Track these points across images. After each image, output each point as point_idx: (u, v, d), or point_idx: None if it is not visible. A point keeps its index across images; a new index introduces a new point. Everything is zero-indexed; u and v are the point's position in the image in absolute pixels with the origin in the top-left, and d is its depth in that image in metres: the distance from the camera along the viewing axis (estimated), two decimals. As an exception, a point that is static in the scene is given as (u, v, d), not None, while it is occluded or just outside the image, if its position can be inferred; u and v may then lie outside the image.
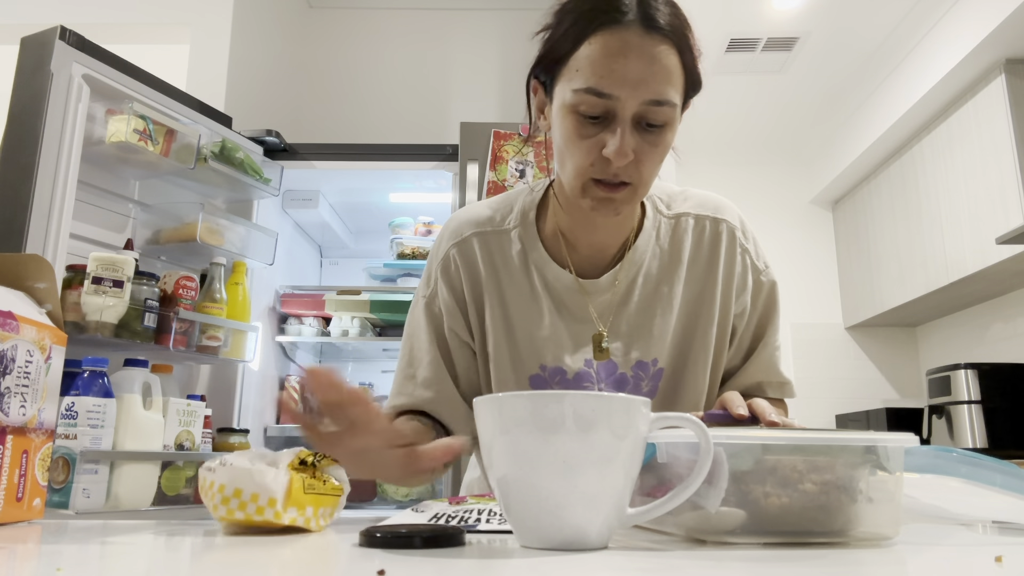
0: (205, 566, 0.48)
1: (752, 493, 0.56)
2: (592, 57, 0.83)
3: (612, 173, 0.85)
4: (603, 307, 0.99)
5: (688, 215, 1.03)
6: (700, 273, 1.02)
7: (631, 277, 1.00)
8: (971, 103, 3.40)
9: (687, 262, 1.01)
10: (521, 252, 1.01)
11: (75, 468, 1.61)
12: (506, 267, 1.00)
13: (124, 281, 1.85)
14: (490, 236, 1.02)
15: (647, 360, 0.99)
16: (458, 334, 1.01)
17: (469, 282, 1.01)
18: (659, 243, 1.02)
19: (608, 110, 0.84)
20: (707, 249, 1.02)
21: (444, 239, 1.04)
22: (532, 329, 0.99)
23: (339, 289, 2.72)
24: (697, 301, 1.01)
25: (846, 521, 0.56)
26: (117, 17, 3.00)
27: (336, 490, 0.68)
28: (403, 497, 2.61)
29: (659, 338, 0.99)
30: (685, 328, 1.00)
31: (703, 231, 1.02)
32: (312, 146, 2.65)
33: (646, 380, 0.98)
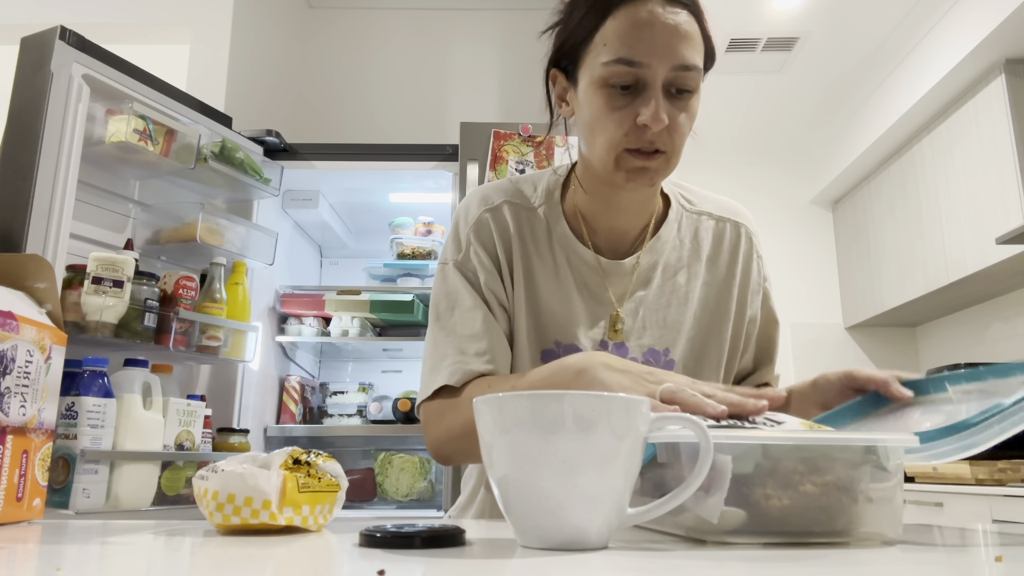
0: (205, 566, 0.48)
1: (752, 494, 0.56)
2: (619, 30, 0.86)
3: (648, 141, 0.87)
4: (621, 290, 1.00)
5: (710, 215, 1.06)
6: (719, 273, 1.04)
7: (651, 264, 1.01)
8: (971, 103, 3.41)
9: (706, 260, 1.03)
10: (546, 228, 1.01)
11: (75, 468, 1.61)
12: (534, 240, 1.01)
13: (124, 281, 1.85)
14: (520, 208, 1.02)
15: (659, 349, 0.99)
16: (496, 294, 0.99)
17: (502, 246, 1.00)
18: (680, 236, 1.04)
19: (639, 79, 0.86)
20: (728, 251, 1.05)
21: (473, 206, 1.03)
22: (553, 305, 0.99)
23: (339, 289, 2.72)
24: (715, 300, 1.02)
25: (847, 522, 0.56)
26: (117, 17, 3.00)
27: (332, 486, 0.67)
28: (403, 497, 2.61)
29: (672, 329, 1.00)
30: (700, 324, 1.01)
31: (724, 232, 1.05)
32: (312, 146, 2.65)
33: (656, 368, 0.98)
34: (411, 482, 2.61)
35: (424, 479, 2.63)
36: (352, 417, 2.75)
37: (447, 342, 0.96)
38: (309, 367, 2.96)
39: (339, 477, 0.69)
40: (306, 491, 0.64)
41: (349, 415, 2.76)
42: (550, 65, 0.97)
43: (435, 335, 0.98)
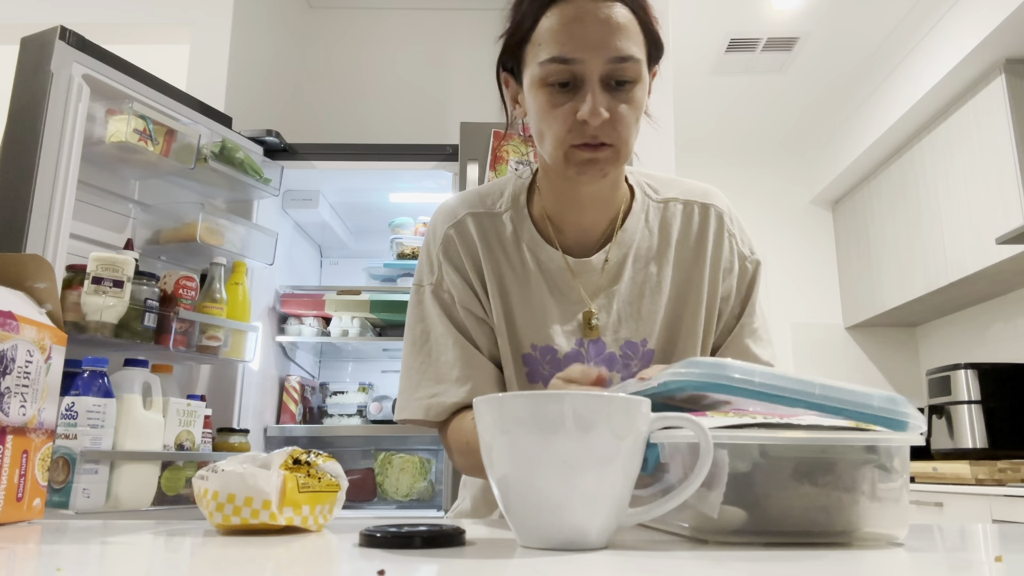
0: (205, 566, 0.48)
1: (753, 493, 0.55)
2: (552, 28, 0.87)
3: (591, 135, 0.88)
4: (593, 287, 1.00)
5: (677, 200, 1.05)
6: (689, 256, 1.03)
7: (620, 257, 1.01)
8: (971, 103, 3.40)
9: (675, 244, 1.03)
10: (513, 233, 1.02)
11: (75, 468, 1.61)
12: (501, 247, 1.02)
13: (124, 281, 1.85)
14: (483, 217, 1.03)
15: (636, 340, 0.99)
16: (472, 311, 1.00)
17: (470, 260, 1.01)
18: (648, 226, 1.03)
19: (575, 75, 0.86)
20: (696, 233, 1.03)
21: (439, 223, 1.04)
22: (525, 309, 1.00)
23: (339, 289, 2.72)
24: (686, 284, 1.02)
25: (849, 521, 0.56)
26: (117, 17, 3.00)
27: (332, 486, 0.67)
28: (403, 497, 2.61)
29: (648, 319, 1.00)
30: (675, 310, 1.01)
31: (692, 215, 1.04)
32: (312, 146, 2.65)
33: (635, 360, 0.99)
34: (411, 482, 2.61)
35: (424, 479, 2.63)
36: (352, 417, 2.75)
37: (422, 370, 0.99)
38: (309, 367, 2.95)
39: (339, 477, 0.69)
40: (306, 491, 0.64)
41: (349, 415, 2.76)
42: (499, 68, 0.98)
43: (410, 361, 1.01)
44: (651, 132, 1.21)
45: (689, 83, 4.19)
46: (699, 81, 4.20)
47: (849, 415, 0.58)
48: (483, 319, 1.01)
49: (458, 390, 0.97)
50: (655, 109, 1.03)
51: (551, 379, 0.95)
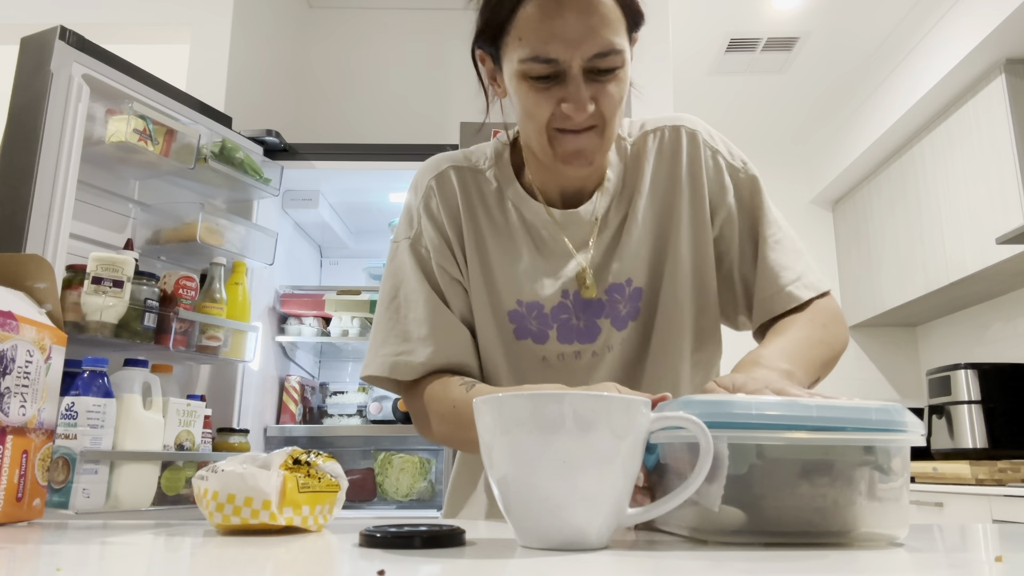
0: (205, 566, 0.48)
1: (752, 494, 0.55)
2: (531, 23, 0.84)
3: (574, 124, 0.87)
4: (580, 239, 0.98)
5: (647, 132, 1.02)
6: (663, 181, 0.99)
7: (606, 206, 0.98)
8: (971, 103, 3.41)
9: (650, 174, 0.99)
10: (497, 190, 1.00)
11: (75, 468, 1.61)
12: (483, 203, 1.00)
13: (124, 281, 1.85)
14: (466, 171, 1.02)
15: (620, 281, 0.97)
16: (447, 270, 0.98)
17: (449, 215, 0.99)
18: (625, 165, 1.00)
19: (556, 71, 0.85)
20: (668, 155, 1.00)
21: (422, 175, 1.04)
22: (509, 265, 0.98)
23: (339, 289, 2.72)
24: (664, 212, 0.98)
25: (847, 521, 0.56)
26: (117, 17, 3.00)
27: (332, 486, 0.67)
28: (403, 497, 2.61)
29: (630, 258, 0.97)
30: (656, 242, 0.98)
31: (662, 141, 1.01)
32: (312, 146, 2.65)
33: (623, 302, 0.96)
34: (411, 482, 2.61)
35: (424, 479, 2.63)
36: (352, 417, 2.75)
37: (390, 327, 0.97)
38: (309, 367, 2.95)
39: (339, 477, 0.69)
40: (306, 491, 0.64)
41: (349, 415, 2.76)
42: (474, 46, 0.96)
43: (379, 317, 0.99)
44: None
45: (689, 83, 4.19)
46: (699, 81, 4.20)
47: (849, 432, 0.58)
48: (457, 280, 0.99)
49: (424, 349, 0.94)
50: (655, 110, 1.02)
51: (539, 334, 0.95)
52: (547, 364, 0.97)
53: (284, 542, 0.57)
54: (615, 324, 0.96)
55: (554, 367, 0.97)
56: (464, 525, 0.62)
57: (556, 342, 0.96)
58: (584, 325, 0.96)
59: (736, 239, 0.99)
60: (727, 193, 1.00)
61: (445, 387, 0.93)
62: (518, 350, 0.97)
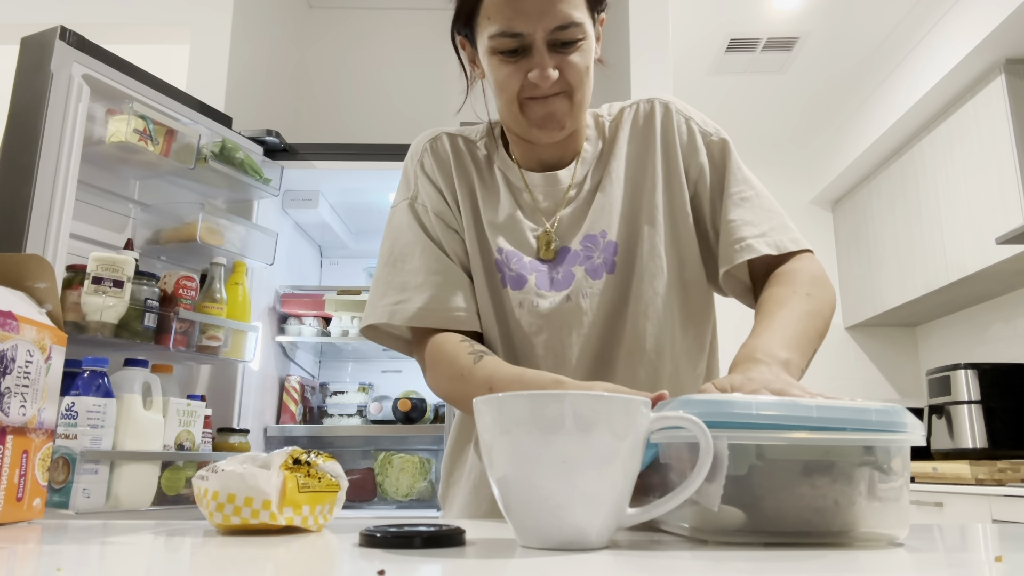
0: (205, 566, 0.48)
1: (753, 494, 0.55)
2: (497, 3, 0.94)
3: (541, 92, 0.95)
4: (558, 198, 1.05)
5: (624, 107, 1.11)
6: (638, 145, 1.07)
7: (584, 172, 1.06)
8: (971, 103, 3.41)
9: (625, 141, 1.07)
10: (486, 157, 1.10)
11: (75, 468, 1.61)
12: (475, 164, 1.09)
13: (124, 281, 1.85)
14: (458, 139, 1.12)
15: (594, 233, 1.03)
16: (444, 220, 1.06)
17: (443, 173, 1.08)
18: (603, 139, 1.09)
19: (523, 44, 0.94)
20: (642, 125, 1.08)
21: (417, 142, 1.12)
22: (494, 218, 1.05)
23: (339, 289, 2.72)
24: (639, 171, 1.05)
25: (848, 521, 0.56)
26: (117, 17, 3.00)
27: (332, 486, 0.67)
28: (403, 497, 2.61)
29: (604, 211, 1.03)
30: (631, 199, 1.04)
31: (637, 112, 1.09)
32: (312, 146, 2.65)
33: (597, 252, 1.02)
34: (411, 482, 2.61)
35: (424, 479, 2.63)
36: (352, 417, 2.75)
37: (388, 280, 1.03)
38: (309, 367, 2.96)
39: (339, 477, 0.69)
40: (306, 491, 0.64)
41: (349, 415, 2.76)
42: (453, 32, 1.04)
43: (379, 271, 1.05)
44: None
45: (689, 83, 4.19)
46: (699, 81, 4.20)
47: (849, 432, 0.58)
48: (454, 229, 1.06)
49: (422, 295, 1.00)
50: None
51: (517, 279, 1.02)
52: (523, 309, 1.02)
53: (284, 542, 0.57)
54: (589, 272, 1.02)
55: (530, 313, 1.01)
56: (464, 525, 0.62)
57: (533, 287, 1.02)
58: (560, 274, 1.02)
59: (708, 196, 1.05)
60: (699, 154, 1.06)
61: (456, 350, 0.97)
62: (499, 297, 1.03)
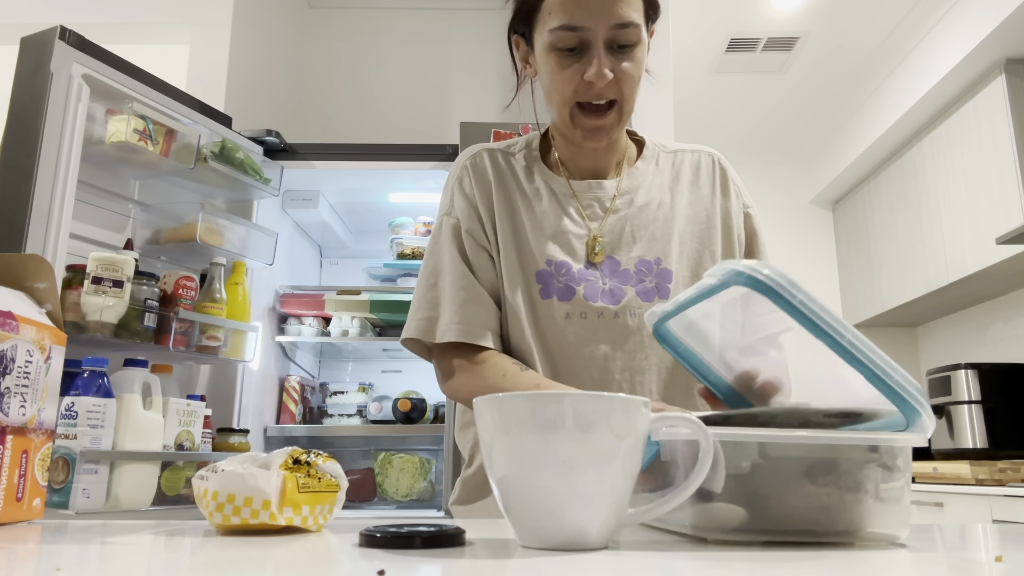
0: (204, 566, 0.48)
1: (754, 492, 0.55)
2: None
3: (595, 95, 0.98)
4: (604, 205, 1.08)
5: (685, 151, 1.16)
6: (702, 192, 1.12)
7: (632, 187, 1.09)
8: (971, 103, 3.40)
9: (687, 184, 1.12)
10: (526, 168, 1.12)
11: (75, 468, 1.61)
12: (514, 178, 1.11)
13: (124, 281, 1.85)
14: (498, 153, 1.13)
15: (650, 259, 1.05)
16: (475, 238, 1.07)
17: (481, 190, 1.09)
18: (659, 169, 1.13)
19: (582, 41, 0.96)
20: (706, 175, 1.13)
21: (459, 160, 1.15)
22: (538, 228, 1.06)
23: (339, 289, 2.72)
24: (704, 214, 1.10)
25: (850, 521, 0.56)
26: (117, 17, 3.00)
27: (332, 487, 0.67)
28: (403, 497, 2.61)
29: (662, 240, 1.06)
30: (692, 236, 1.08)
31: (699, 161, 1.14)
32: (312, 146, 2.65)
33: (650, 276, 1.04)
34: (411, 482, 2.61)
35: (424, 479, 2.63)
36: (352, 417, 2.75)
37: (423, 294, 1.06)
38: (309, 367, 2.95)
39: (339, 477, 0.69)
40: (306, 491, 0.64)
41: (349, 415, 2.76)
42: (511, 30, 1.07)
43: (419, 284, 1.09)
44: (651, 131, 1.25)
45: (689, 83, 4.19)
46: (699, 81, 4.20)
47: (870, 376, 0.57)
48: (484, 247, 1.07)
49: (449, 312, 1.03)
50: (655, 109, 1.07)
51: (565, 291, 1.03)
52: (570, 321, 1.02)
53: (284, 542, 0.57)
54: (640, 295, 1.03)
55: (576, 324, 1.02)
56: (464, 525, 0.62)
57: (582, 299, 1.03)
58: (609, 288, 1.04)
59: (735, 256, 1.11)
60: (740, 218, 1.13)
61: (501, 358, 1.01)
62: (543, 309, 1.04)
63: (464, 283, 1.04)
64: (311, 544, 0.57)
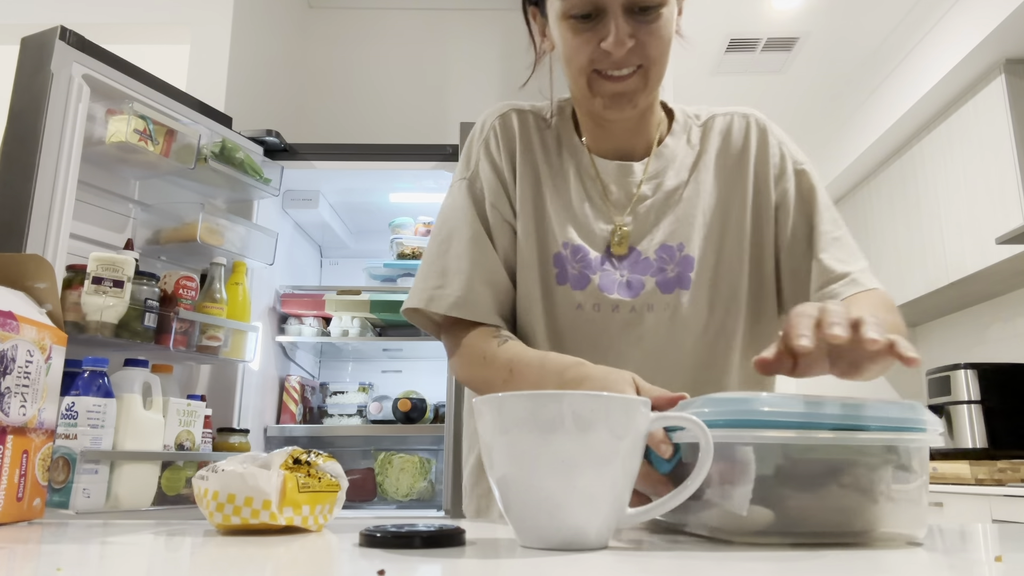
0: (205, 566, 0.48)
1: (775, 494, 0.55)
2: None
3: (613, 63, 0.89)
4: (629, 193, 0.99)
5: (716, 115, 1.04)
6: (731, 164, 1.01)
7: (660, 168, 1.00)
8: (971, 103, 3.40)
9: (717, 154, 1.01)
10: (556, 137, 1.02)
11: (75, 468, 1.61)
12: (542, 146, 1.02)
13: (124, 281, 1.85)
14: (528, 115, 1.04)
15: (672, 244, 0.96)
16: (500, 210, 1.00)
17: (507, 155, 1.01)
18: (690, 144, 1.02)
19: (596, 6, 0.87)
20: (738, 140, 1.02)
21: (486, 117, 1.05)
22: (561, 209, 0.99)
23: (339, 289, 2.72)
24: (729, 192, 0.99)
25: (868, 522, 0.56)
26: (117, 17, 3.00)
27: (332, 486, 0.67)
28: (403, 497, 2.61)
29: (685, 223, 0.97)
30: (716, 216, 0.98)
31: (731, 125, 1.03)
32: (312, 146, 2.65)
33: (671, 265, 0.96)
34: (411, 482, 2.61)
35: (424, 479, 2.63)
36: (352, 417, 2.75)
37: (432, 262, 0.98)
38: (309, 367, 2.96)
39: (339, 477, 0.69)
40: (306, 491, 0.64)
41: (349, 415, 2.76)
42: (526, 2, 1.00)
43: (428, 251, 1.01)
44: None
45: (689, 83, 4.19)
46: (699, 81, 4.20)
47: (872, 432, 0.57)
48: (508, 222, 1.00)
49: (458, 283, 0.95)
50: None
51: (580, 279, 0.95)
52: (582, 312, 0.95)
53: (284, 542, 0.57)
54: (660, 285, 0.95)
55: (588, 317, 0.95)
56: (464, 525, 0.62)
57: (596, 289, 0.95)
58: (627, 280, 0.95)
59: (789, 228, 0.98)
60: (786, 180, 1.00)
61: (482, 335, 0.94)
62: (557, 296, 0.96)
63: (478, 256, 0.96)
64: (311, 544, 0.57)
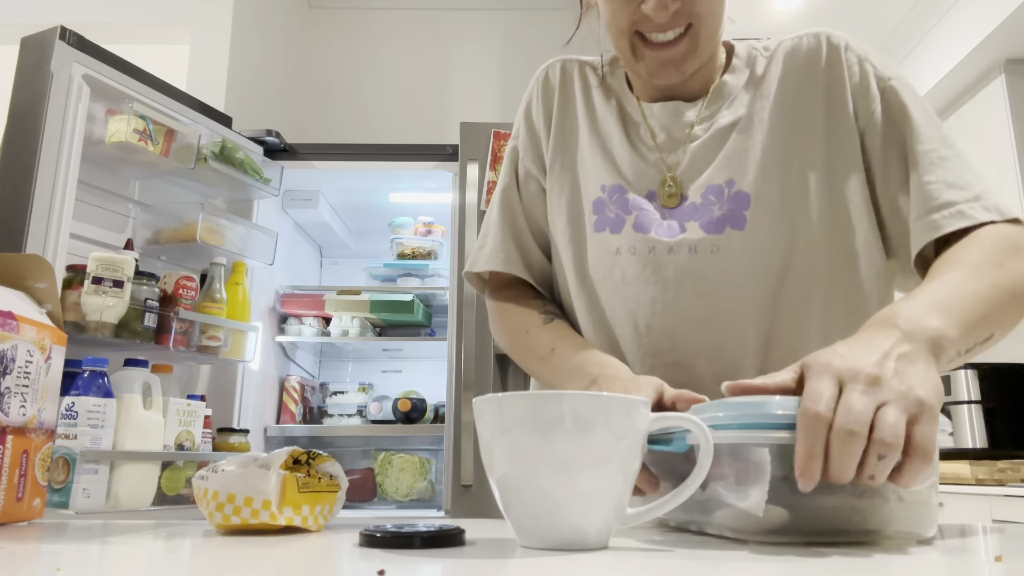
0: (205, 566, 0.48)
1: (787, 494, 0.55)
2: None
3: (656, 27, 0.82)
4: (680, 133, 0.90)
5: (784, 40, 0.93)
6: (794, 88, 0.88)
7: (716, 108, 0.90)
8: (971, 103, 3.41)
9: (779, 81, 0.89)
10: (603, 82, 0.98)
11: (75, 468, 1.61)
12: (584, 91, 0.98)
13: (124, 281, 1.85)
14: (574, 63, 1.00)
15: (720, 183, 0.85)
16: (533, 174, 0.99)
17: (544, 112, 0.99)
18: (753, 76, 0.91)
19: None
20: (805, 62, 0.89)
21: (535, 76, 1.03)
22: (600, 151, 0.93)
23: (339, 289, 2.73)
24: (792, 118, 0.87)
25: (881, 521, 0.56)
26: (117, 17, 3.00)
27: (332, 486, 0.67)
28: (403, 497, 2.61)
29: (735, 158, 0.86)
30: (777, 149, 0.86)
31: (799, 46, 0.91)
32: (312, 146, 2.65)
33: (718, 204, 0.85)
34: (411, 482, 2.61)
35: (424, 479, 2.63)
36: (352, 417, 2.75)
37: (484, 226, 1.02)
38: (309, 367, 2.96)
39: (339, 477, 0.69)
40: (306, 491, 0.64)
41: (349, 415, 2.76)
42: None
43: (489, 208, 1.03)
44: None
45: (689, 83, 4.19)
46: (699, 81, 4.20)
47: None
48: (539, 180, 0.99)
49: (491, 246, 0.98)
50: None
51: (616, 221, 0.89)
52: (619, 257, 0.87)
53: (284, 542, 0.57)
54: (704, 226, 0.85)
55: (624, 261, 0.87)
56: (464, 525, 0.62)
57: (631, 230, 0.87)
58: (669, 223, 0.87)
59: (879, 153, 0.86)
60: (870, 99, 0.87)
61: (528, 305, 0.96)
62: (595, 246, 0.90)
63: (509, 219, 0.98)
64: (311, 544, 0.57)
